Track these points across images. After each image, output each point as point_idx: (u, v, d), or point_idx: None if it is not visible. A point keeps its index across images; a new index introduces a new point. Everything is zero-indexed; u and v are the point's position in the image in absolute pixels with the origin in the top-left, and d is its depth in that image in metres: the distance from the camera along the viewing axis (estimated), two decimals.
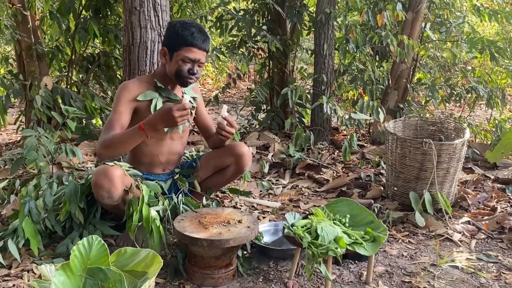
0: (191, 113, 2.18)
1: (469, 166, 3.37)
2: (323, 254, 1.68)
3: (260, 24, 4.32)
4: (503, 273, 1.99)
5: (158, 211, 1.96)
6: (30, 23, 3.78)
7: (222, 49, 4.10)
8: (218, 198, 2.70)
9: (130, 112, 2.06)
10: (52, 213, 2.10)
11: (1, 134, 4.64)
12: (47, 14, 3.93)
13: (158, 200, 2.03)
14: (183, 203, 2.06)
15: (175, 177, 2.27)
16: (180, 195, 2.15)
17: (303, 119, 4.23)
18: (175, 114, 1.85)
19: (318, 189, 3.03)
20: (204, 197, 2.32)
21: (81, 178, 2.26)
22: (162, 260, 1.48)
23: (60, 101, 3.75)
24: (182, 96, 2.22)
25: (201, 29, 2.08)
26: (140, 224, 1.89)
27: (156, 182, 2.11)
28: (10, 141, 4.27)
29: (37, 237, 2.02)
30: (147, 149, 2.17)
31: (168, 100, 2.14)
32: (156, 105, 2.08)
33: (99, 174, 1.88)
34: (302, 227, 1.81)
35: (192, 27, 2.05)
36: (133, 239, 1.92)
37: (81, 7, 3.95)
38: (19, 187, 2.55)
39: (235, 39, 4.21)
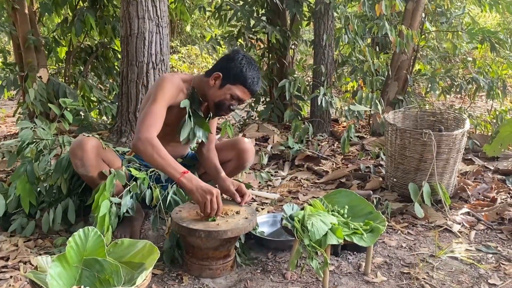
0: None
1: (469, 157, 3.36)
2: (313, 252, 1.68)
3: (260, 15, 4.29)
4: (502, 264, 1.98)
5: (115, 204, 1.89)
6: (27, 14, 3.75)
7: (219, 40, 4.07)
8: None
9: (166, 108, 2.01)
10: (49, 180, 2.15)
11: (1, 126, 4.62)
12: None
13: (150, 188, 2.01)
14: (173, 193, 2.04)
15: None
16: (175, 185, 2.13)
17: (300, 111, 4.21)
18: (207, 202, 1.78)
19: (317, 181, 3.01)
20: None
21: None
22: (159, 252, 1.47)
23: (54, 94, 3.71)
24: (208, 118, 2.15)
25: (260, 78, 2.08)
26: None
27: (154, 170, 2.11)
28: (9, 133, 4.25)
29: (31, 196, 2.06)
30: None
31: (193, 113, 2.09)
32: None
33: (74, 143, 1.97)
34: (298, 220, 1.79)
35: (256, 71, 2.04)
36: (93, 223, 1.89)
37: None
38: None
39: (233, 29, 4.18)
